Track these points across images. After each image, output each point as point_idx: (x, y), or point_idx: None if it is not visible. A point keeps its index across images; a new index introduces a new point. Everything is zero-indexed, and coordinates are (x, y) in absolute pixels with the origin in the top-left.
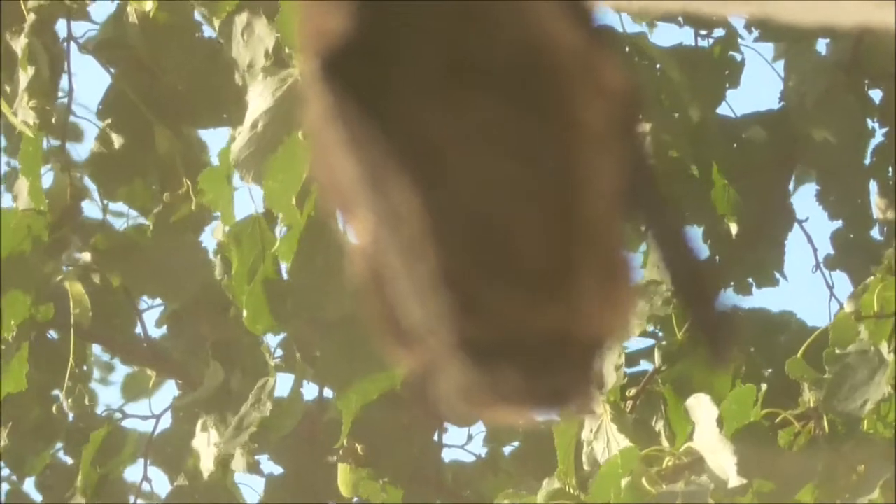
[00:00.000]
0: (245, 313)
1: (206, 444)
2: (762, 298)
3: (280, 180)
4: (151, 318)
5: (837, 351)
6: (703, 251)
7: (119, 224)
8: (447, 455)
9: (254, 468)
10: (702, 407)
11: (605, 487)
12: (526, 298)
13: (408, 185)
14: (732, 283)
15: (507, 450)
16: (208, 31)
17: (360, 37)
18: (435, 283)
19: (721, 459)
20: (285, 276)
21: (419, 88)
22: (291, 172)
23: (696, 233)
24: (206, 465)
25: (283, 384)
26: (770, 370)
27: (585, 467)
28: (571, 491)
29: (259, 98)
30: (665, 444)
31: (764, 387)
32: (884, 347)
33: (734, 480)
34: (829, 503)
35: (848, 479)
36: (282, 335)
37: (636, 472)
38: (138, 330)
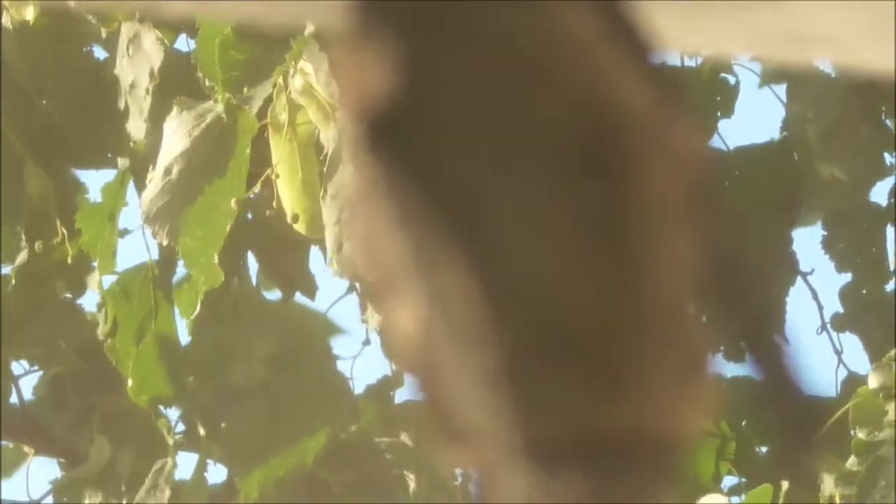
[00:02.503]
0: (130, 382)
1: None
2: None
3: (199, 237)
4: (30, 385)
5: (863, 437)
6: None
7: None
8: None
9: None
10: None
11: None
12: (595, 393)
13: (463, 265)
14: (721, 348)
15: None
16: (98, 53)
17: (412, 96)
18: (494, 377)
19: None
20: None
21: (479, 157)
22: (213, 227)
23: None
24: None
25: (184, 465)
26: (766, 448)
27: None
28: None
29: (174, 137)
30: None
31: (786, 485)
32: None
33: None
34: None
35: None
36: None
37: None
38: (14, 399)
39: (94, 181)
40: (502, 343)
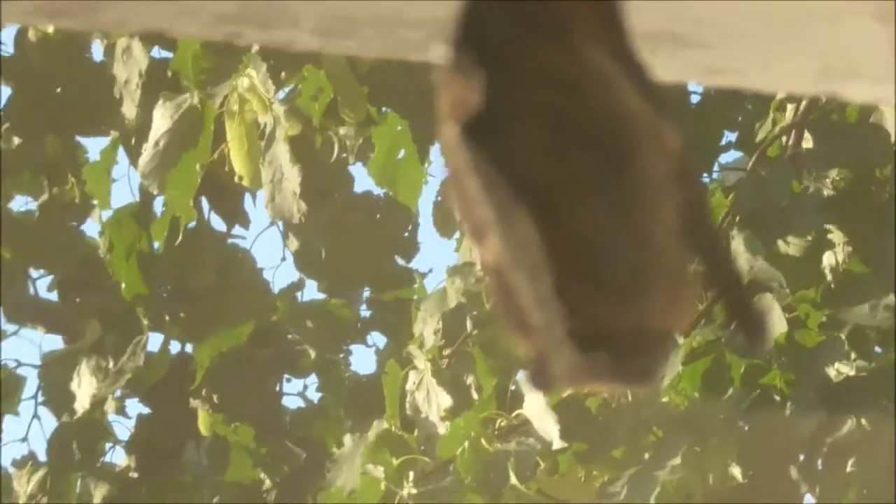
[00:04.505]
0: (123, 285)
1: (83, 387)
2: None
3: (179, 188)
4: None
5: None
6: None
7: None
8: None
9: (121, 411)
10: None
11: (452, 446)
12: (616, 302)
13: (526, 219)
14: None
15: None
16: (97, 55)
17: (488, 109)
18: (549, 292)
19: (546, 425)
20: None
21: (535, 148)
22: (188, 182)
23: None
24: (82, 405)
25: (153, 342)
26: None
27: (408, 412)
28: (396, 431)
29: (160, 120)
30: (474, 395)
31: None
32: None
33: (557, 443)
34: (635, 460)
35: (647, 441)
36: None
37: (476, 433)
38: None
39: (93, 146)
40: (552, 270)
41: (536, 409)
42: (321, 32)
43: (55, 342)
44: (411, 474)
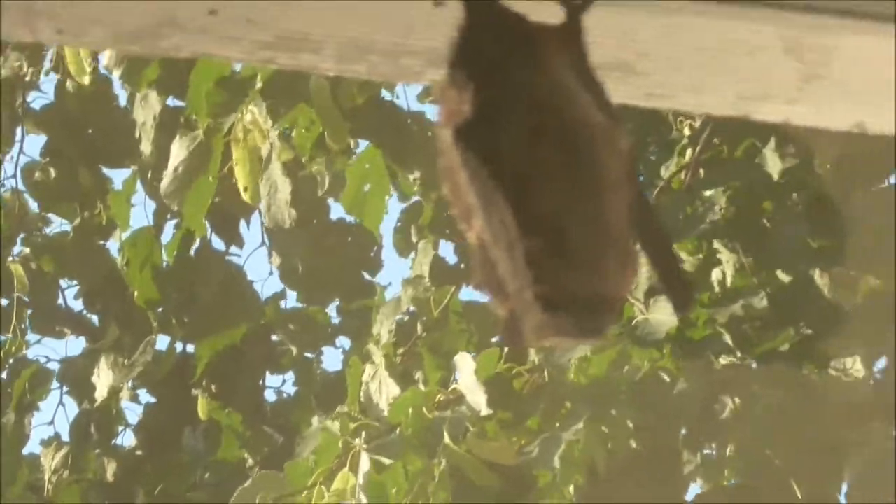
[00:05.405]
0: (136, 293)
1: (103, 379)
2: None
3: (193, 206)
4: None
5: None
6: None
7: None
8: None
9: (134, 398)
10: (464, 361)
11: (399, 413)
12: (577, 272)
13: (505, 204)
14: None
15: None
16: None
17: (476, 117)
18: (521, 263)
19: (476, 398)
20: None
21: (513, 148)
22: (201, 201)
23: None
24: (101, 394)
25: (161, 343)
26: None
27: (362, 400)
28: (354, 413)
29: (178, 150)
30: (422, 387)
31: (506, 350)
32: None
33: (484, 411)
34: (548, 428)
35: (559, 413)
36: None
37: (418, 404)
38: (60, 301)
39: (117, 177)
40: (525, 245)
41: (468, 383)
42: (338, 58)
43: (77, 343)
44: (364, 433)
